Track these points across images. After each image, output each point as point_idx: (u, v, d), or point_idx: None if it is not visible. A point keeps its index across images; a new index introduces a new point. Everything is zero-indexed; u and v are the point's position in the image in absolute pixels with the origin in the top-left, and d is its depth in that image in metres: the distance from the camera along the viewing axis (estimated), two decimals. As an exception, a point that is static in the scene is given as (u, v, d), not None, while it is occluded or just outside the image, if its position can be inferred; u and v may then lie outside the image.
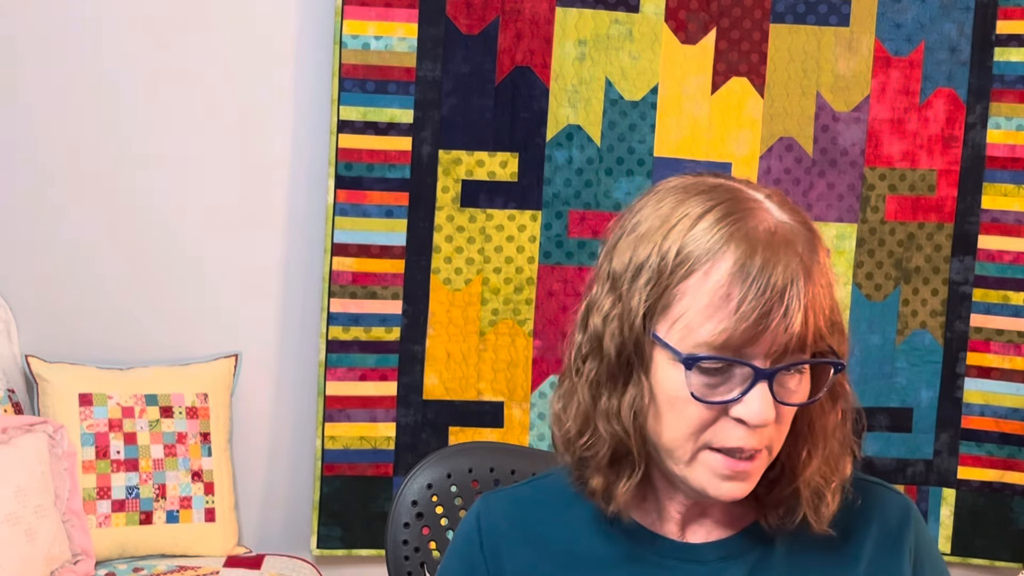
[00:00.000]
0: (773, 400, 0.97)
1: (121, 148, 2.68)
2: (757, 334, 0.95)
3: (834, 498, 1.05)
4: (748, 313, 0.94)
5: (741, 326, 0.95)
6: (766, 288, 0.94)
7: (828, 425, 1.05)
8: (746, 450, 0.98)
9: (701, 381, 0.98)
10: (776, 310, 0.95)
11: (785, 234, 0.98)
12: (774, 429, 1.00)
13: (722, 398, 0.97)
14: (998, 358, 2.78)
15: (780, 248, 0.96)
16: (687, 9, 2.68)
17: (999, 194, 2.76)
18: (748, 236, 0.96)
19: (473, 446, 1.53)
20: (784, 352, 0.97)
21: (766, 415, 0.97)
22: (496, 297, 2.72)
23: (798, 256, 0.97)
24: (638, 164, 2.71)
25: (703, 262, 0.96)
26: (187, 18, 2.66)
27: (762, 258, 0.95)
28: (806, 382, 1.01)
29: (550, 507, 1.13)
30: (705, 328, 0.96)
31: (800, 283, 0.96)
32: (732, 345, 0.96)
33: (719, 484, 1.00)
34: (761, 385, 0.96)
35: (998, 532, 2.82)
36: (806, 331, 0.96)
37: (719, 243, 0.96)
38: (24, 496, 2.28)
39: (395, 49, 2.62)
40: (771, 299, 0.94)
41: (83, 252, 2.70)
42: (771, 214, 0.99)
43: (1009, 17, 2.71)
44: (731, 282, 0.95)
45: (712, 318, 0.96)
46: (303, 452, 2.79)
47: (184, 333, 2.74)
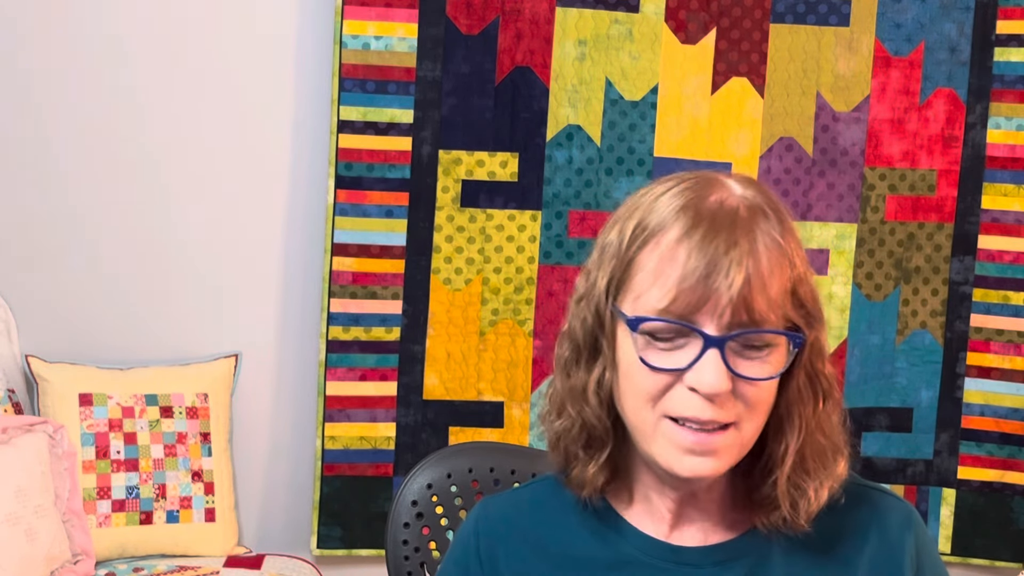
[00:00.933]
0: (727, 371, 0.97)
1: (121, 148, 2.68)
2: (701, 298, 0.96)
3: (817, 495, 1.04)
4: (689, 275, 0.96)
5: (684, 287, 0.96)
6: (708, 251, 0.96)
7: (807, 414, 1.04)
8: (702, 420, 0.98)
9: (655, 348, 0.99)
10: (717, 273, 0.96)
11: (735, 204, 1.00)
12: (740, 407, 0.99)
13: (673, 365, 0.98)
14: (998, 358, 2.78)
15: (728, 215, 0.98)
16: (687, 9, 2.68)
17: (999, 194, 2.76)
18: (699, 207, 0.99)
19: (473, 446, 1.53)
20: (734, 322, 0.97)
21: (718, 384, 0.96)
22: (496, 297, 2.72)
23: (746, 224, 0.98)
24: (638, 164, 2.71)
25: (656, 232, 0.99)
26: (187, 18, 2.66)
27: (708, 224, 0.97)
28: (774, 366, 1.00)
29: (547, 510, 1.13)
30: (652, 293, 0.98)
31: (744, 248, 0.97)
32: (678, 310, 0.97)
33: (681, 458, 1.00)
34: (712, 352, 0.97)
35: (998, 532, 2.82)
36: (752, 298, 0.96)
37: (671, 213, 0.99)
38: (24, 496, 2.28)
39: (395, 49, 2.62)
40: (712, 260, 0.96)
41: (83, 252, 2.70)
42: (730, 189, 1.02)
43: (1009, 17, 2.71)
44: (676, 247, 0.98)
45: (657, 283, 0.98)
46: (303, 452, 2.79)
47: (184, 333, 2.74)
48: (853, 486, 1.10)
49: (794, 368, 1.02)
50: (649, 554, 1.08)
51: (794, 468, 1.04)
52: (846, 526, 1.08)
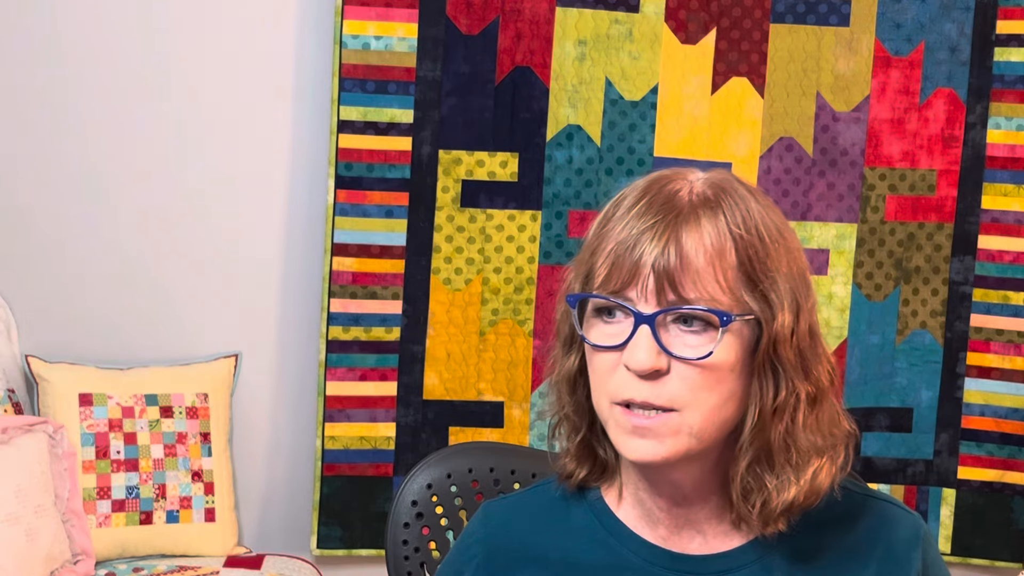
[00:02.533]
0: (659, 348, 0.97)
1: (121, 148, 2.68)
2: (629, 271, 0.98)
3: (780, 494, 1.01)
4: (619, 247, 0.98)
5: (614, 262, 0.98)
6: (636, 225, 0.99)
7: (765, 402, 1.00)
8: (637, 402, 0.98)
9: (600, 331, 1.01)
10: (642, 242, 0.97)
11: (676, 191, 1.01)
12: (680, 390, 0.97)
13: (611, 343, 0.99)
14: (998, 358, 2.78)
15: (667, 198, 1.00)
16: (687, 9, 2.68)
17: (999, 194, 2.76)
18: (648, 192, 1.02)
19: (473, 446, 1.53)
20: (666, 302, 0.97)
21: (646, 360, 0.96)
22: (496, 297, 2.72)
23: (690, 208, 0.99)
24: (638, 164, 2.71)
25: (611, 218, 1.02)
26: (187, 18, 2.66)
27: (646, 204, 1.00)
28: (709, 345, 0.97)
29: (549, 515, 1.13)
30: (596, 272, 1.01)
31: (670, 221, 0.98)
32: (611, 287, 0.99)
33: (628, 441, 1.00)
34: (643, 329, 0.97)
35: (998, 532, 2.82)
36: (674, 273, 0.96)
37: (629, 203, 1.02)
38: (24, 496, 2.28)
39: (395, 49, 2.62)
40: (640, 233, 0.98)
41: (83, 252, 2.70)
42: (690, 183, 1.02)
43: (1009, 17, 2.71)
44: (613, 227, 1.00)
45: (600, 261, 1.01)
46: (303, 452, 2.79)
47: (184, 333, 2.74)
48: (861, 497, 1.09)
49: (755, 354, 1.00)
50: (649, 561, 1.07)
51: (755, 460, 1.01)
52: (851, 537, 1.07)
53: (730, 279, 0.98)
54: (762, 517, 1.03)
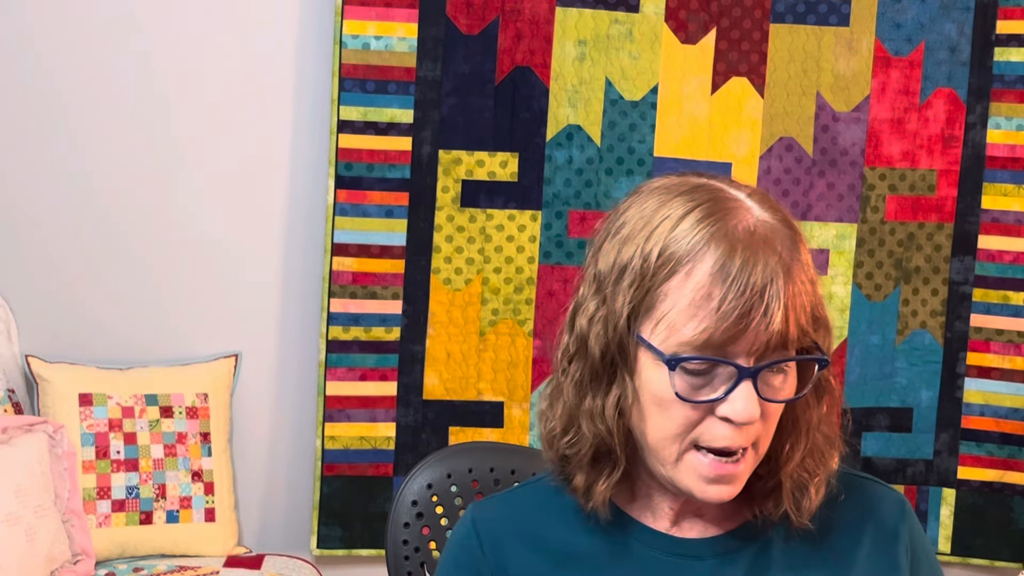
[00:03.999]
0: (758, 397, 0.98)
1: (121, 148, 2.68)
2: (738, 333, 0.96)
3: (817, 492, 1.06)
4: (729, 312, 0.95)
5: (722, 325, 0.96)
6: (746, 287, 0.96)
7: (812, 419, 1.06)
8: (733, 449, 0.99)
9: (685, 381, 0.99)
10: (756, 308, 0.96)
11: (765, 233, 0.99)
12: (760, 426, 1.00)
13: (707, 397, 0.98)
14: (998, 358, 2.78)
15: (760, 247, 0.97)
16: (687, 9, 2.68)
17: (999, 194, 2.76)
18: (728, 235, 0.98)
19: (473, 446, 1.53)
20: (766, 350, 0.98)
21: (751, 413, 0.97)
22: (496, 297, 2.72)
23: (777, 254, 0.98)
24: (638, 164, 2.71)
25: (684, 263, 0.98)
26: (187, 18, 2.66)
27: (742, 258, 0.96)
28: (792, 379, 1.02)
29: (545, 508, 1.13)
30: (687, 328, 0.97)
31: (780, 282, 0.97)
32: (714, 344, 0.97)
33: (705, 487, 1.01)
34: (745, 383, 0.97)
35: (998, 532, 2.82)
36: (787, 329, 0.97)
37: (700, 243, 0.98)
38: (24, 496, 2.28)
39: (395, 49, 2.62)
40: (751, 298, 0.95)
41: (83, 252, 2.70)
42: (751, 213, 1.01)
43: (1009, 17, 2.71)
44: (711, 282, 0.96)
45: (694, 318, 0.97)
46: (303, 452, 2.79)
47: (184, 333, 2.74)
48: (846, 477, 1.12)
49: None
50: (652, 547, 1.08)
51: (797, 469, 1.06)
52: (841, 516, 1.10)
53: (808, 318, 1.00)
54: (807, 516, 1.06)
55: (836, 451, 1.08)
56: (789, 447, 1.05)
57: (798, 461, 1.05)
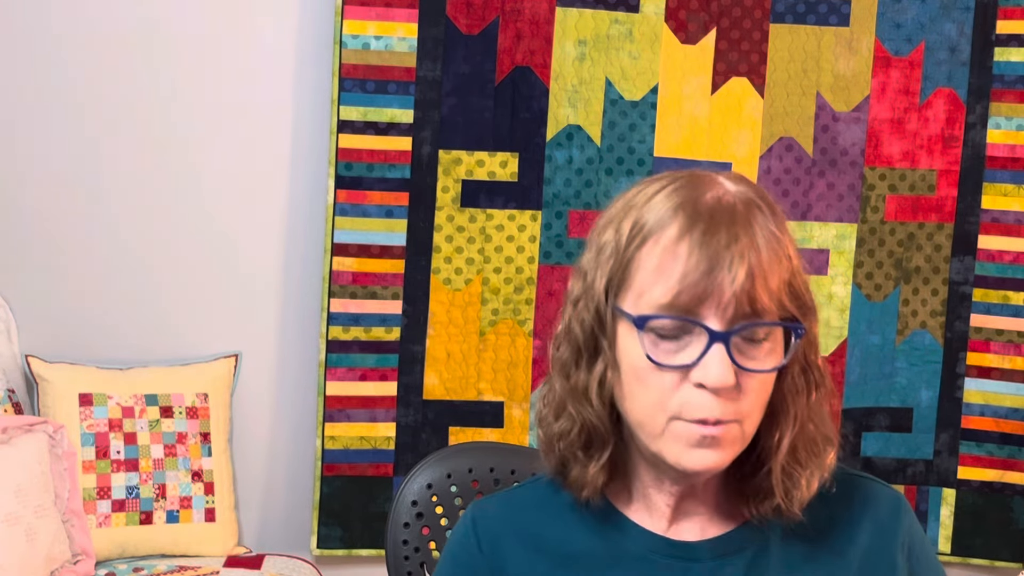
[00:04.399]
0: (733, 365, 0.98)
1: (121, 148, 2.68)
2: (704, 292, 0.97)
3: (809, 484, 1.06)
4: (692, 270, 0.97)
5: (686, 283, 0.97)
6: (709, 245, 0.97)
7: (801, 406, 1.05)
8: (711, 420, 0.99)
9: (659, 347, 1.00)
10: (720, 265, 0.97)
11: (732, 200, 1.01)
12: (743, 401, 1.00)
13: (680, 362, 0.99)
14: (998, 358, 2.78)
15: (726, 211, 0.99)
16: (687, 9, 2.68)
17: (999, 194, 2.76)
18: (696, 203, 1.00)
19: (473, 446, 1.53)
20: (737, 315, 0.98)
21: (724, 377, 0.97)
22: (496, 297, 2.72)
23: (745, 220, 0.99)
24: (638, 164, 2.71)
25: (654, 231, 1.00)
26: (187, 18, 2.66)
27: (707, 221, 0.98)
28: (774, 356, 1.01)
29: (543, 509, 1.13)
30: (655, 291, 0.99)
31: (744, 241, 0.98)
32: (682, 305, 0.98)
33: (690, 453, 1.00)
34: (717, 347, 0.98)
35: (998, 532, 2.82)
36: (755, 291, 0.98)
37: (669, 212, 1.00)
38: (24, 496, 2.28)
39: (395, 49, 2.62)
40: (714, 255, 0.97)
41: (83, 252, 2.70)
42: (722, 185, 1.03)
43: (1009, 17, 2.71)
44: (677, 244, 0.98)
45: (660, 279, 0.99)
46: (303, 452, 2.79)
47: (184, 333, 2.74)
48: (843, 475, 1.12)
49: (790, 360, 1.03)
50: (649, 549, 1.08)
51: (787, 458, 1.05)
52: (839, 515, 1.10)
53: (784, 290, 1.00)
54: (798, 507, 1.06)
55: (831, 447, 1.08)
56: (779, 436, 1.05)
57: (788, 450, 1.05)
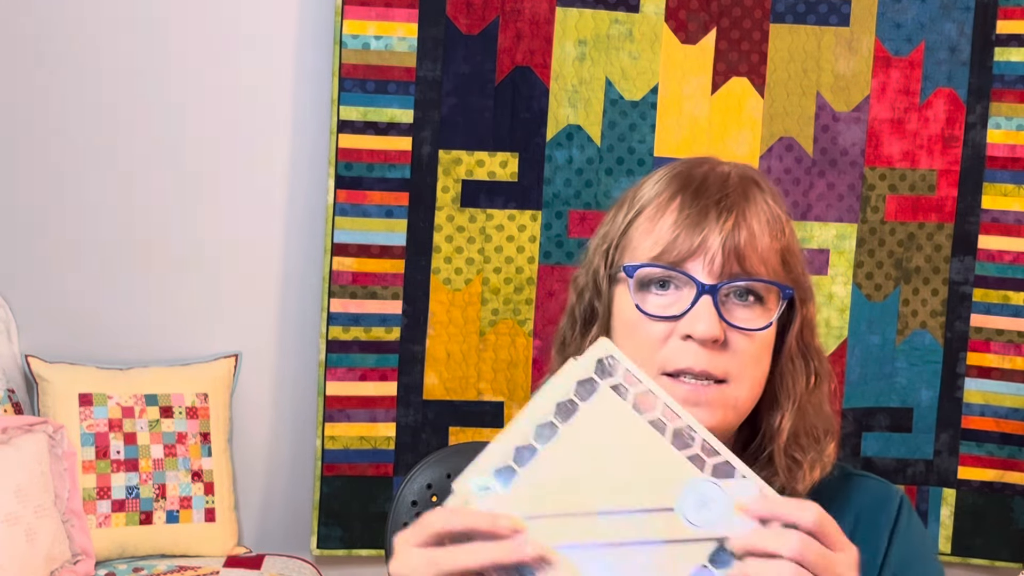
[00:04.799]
0: (720, 319, 1.00)
1: (121, 148, 2.68)
2: (692, 244, 1.00)
3: (811, 469, 1.07)
4: (681, 222, 1.01)
5: (676, 235, 1.01)
6: (699, 201, 1.02)
7: (800, 387, 1.07)
8: (696, 372, 1.00)
9: (648, 299, 1.02)
10: (707, 219, 1.01)
11: (727, 171, 1.06)
12: (731, 360, 1.01)
13: (668, 313, 1.01)
14: (998, 358, 2.78)
15: (719, 179, 1.05)
16: (687, 9, 2.68)
17: (999, 194, 2.76)
18: (690, 172, 1.07)
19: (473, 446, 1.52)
20: (725, 272, 1.00)
21: (711, 329, 0.99)
22: (496, 297, 2.72)
23: (740, 189, 1.04)
24: (638, 164, 2.71)
25: (650, 202, 1.06)
26: (187, 18, 2.66)
27: (699, 184, 1.04)
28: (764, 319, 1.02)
29: None
30: (646, 244, 1.04)
31: (732, 199, 1.02)
32: (671, 257, 1.01)
33: None
34: (705, 299, 1.00)
35: (998, 532, 2.82)
36: (743, 248, 1.00)
37: (664, 182, 1.07)
38: (24, 496, 2.28)
39: (395, 49, 2.62)
40: (704, 209, 1.01)
41: (83, 252, 2.70)
42: (722, 163, 1.08)
43: (1009, 17, 2.71)
44: (668, 204, 1.04)
45: (651, 235, 1.04)
46: (303, 452, 2.79)
47: (184, 333, 2.74)
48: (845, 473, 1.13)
49: (786, 339, 1.06)
50: None
51: (789, 442, 1.06)
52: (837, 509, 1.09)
53: (777, 260, 1.03)
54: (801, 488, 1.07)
55: (832, 439, 1.09)
56: (780, 419, 1.06)
57: (789, 434, 1.06)
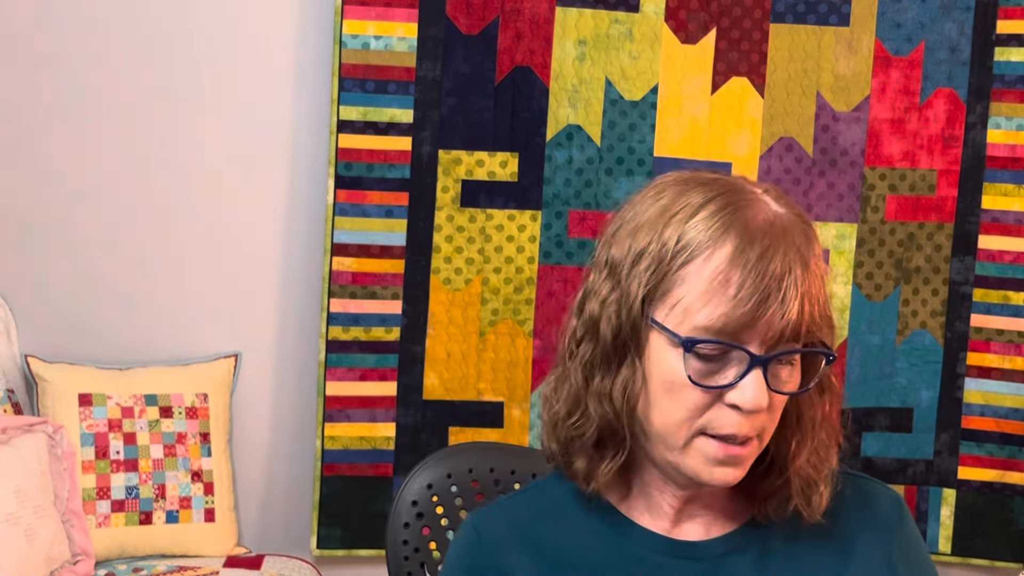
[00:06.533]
0: (767, 387, 0.99)
1: (121, 148, 2.68)
2: (754, 320, 0.97)
3: (826, 488, 1.07)
4: (746, 299, 0.97)
5: (739, 311, 0.97)
6: (765, 274, 0.97)
7: (816, 416, 1.07)
8: (739, 436, 1.00)
9: (697, 366, 0.99)
10: (774, 297, 0.97)
11: (783, 225, 1.00)
12: (766, 417, 1.01)
13: (718, 383, 0.99)
14: (998, 358, 2.78)
15: (778, 237, 0.99)
16: (687, 9, 2.68)
17: (999, 194, 2.76)
18: (747, 225, 0.99)
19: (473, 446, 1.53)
20: (779, 340, 0.99)
21: (760, 400, 0.98)
22: (496, 297, 2.72)
23: (795, 246, 0.99)
24: (638, 164, 2.71)
25: (703, 249, 0.99)
26: (187, 18, 2.66)
27: (760, 246, 0.98)
28: (797, 372, 1.03)
29: (545, 513, 1.12)
30: (703, 312, 0.98)
31: (797, 271, 0.98)
32: (729, 330, 0.98)
33: (712, 470, 1.01)
34: (756, 371, 0.98)
35: (998, 532, 2.82)
36: (801, 319, 0.98)
37: (719, 231, 0.99)
38: (24, 496, 2.28)
39: (395, 49, 2.62)
40: (769, 285, 0.97)
41: (83, 252, 2.70)
42: (769, 206, 1.02)
43: (1009, 17, 2.71)
44: (730, 268, 0.97)
45: (710, 303, 0.98)
46: (303, 452, 2.79)
47: (184, 333, 2.74)
48: (844, 476, 1.12)
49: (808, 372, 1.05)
50: (653, 550, 1.08)
51: (804, 465, 1.06)
52: (839, 512, 1.10)
53: (824, 321, 1.02)
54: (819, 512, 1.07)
55: (836, 447, 1.09)
56: (795, 445, 1.06)
57: (804, 459, 1.06)
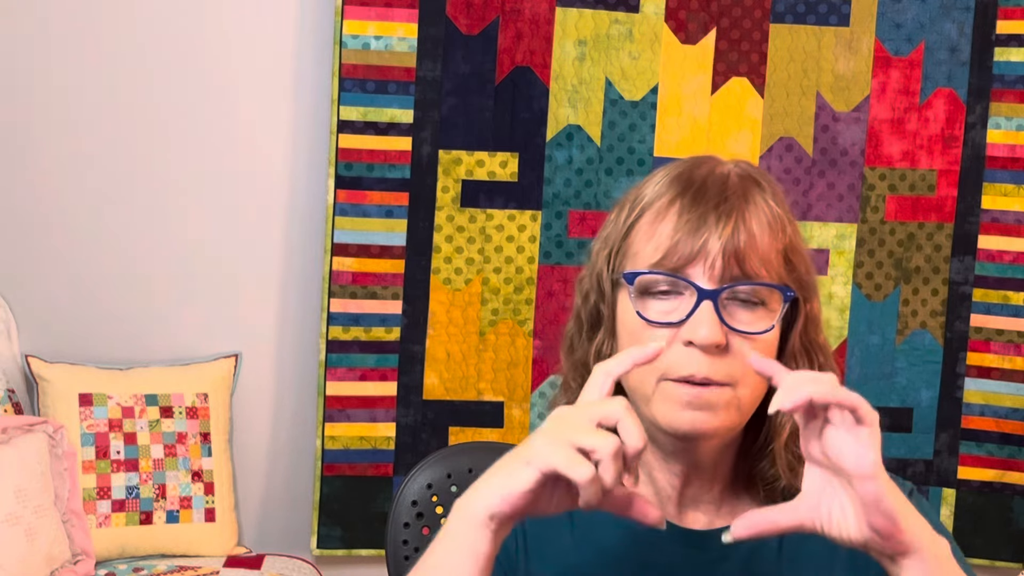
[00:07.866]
0: (721, 324, 0.99)
1: (121, 148, 2.68)
2: (692, 250, 1.00)
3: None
4: (680, 228, 1.01)
5: (675, 241, 1.01)
6: (698, 206, 1.01)
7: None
8: (698, 376, 0.99)
9: (650, 306, 1.02)
10: (707, 224, 1.00)
11: (727, 173, 1.05)
12: (735, 363, 1.00)
13: (669, 320, 1.01)
14: (998, 358, 2.78)
15: (719, 180, 1.04)
16: (687, 9, 2.68)
17: (999, 194, 2.76)
18: (691, 174, 1.06)
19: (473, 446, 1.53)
20: (726, 274, 1.00)
21: (712, 335, 0.98)
22: (496, 297, 2.72)
23: (740, 190, 1.03)
24: (638, 164, 2.71)
25: (652, 202, 1.06)
26: (187, 18, 2.66)
27: (699, 186, 1.04)
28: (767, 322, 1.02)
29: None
30: (646, 251, 1.03)
31: (733, 203, 1.02)
32: (671, 264, 1.01)
33: (681, 413, 1.01)
34: (706, 304, 0.99)
35: (998, 532, 2.82)
36: (743, 251, 1.00)
37: (665, 183, 1.06)
38: (24, 496, 2.28)
39: (395, 49, 2.62)
40: (703, 215, 1.01)
41: (83, 252, 2.70)
42: (723, 164, 1.07)
43: (1009, 17, 2.71)
44: (668, 207, 1.04)
45: (651, 241, 1.03)
46: (303, 452, 2.79)
47: (184, 333, 2.74)
48: None
49: (790, 336, 1.05)
50: (657, 535, 1.08)
51: (789, 439, 1.06)
52: None
53: (779, 260, 1.03)
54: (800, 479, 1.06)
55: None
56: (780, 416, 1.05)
57: (791, 430, 1.05)
